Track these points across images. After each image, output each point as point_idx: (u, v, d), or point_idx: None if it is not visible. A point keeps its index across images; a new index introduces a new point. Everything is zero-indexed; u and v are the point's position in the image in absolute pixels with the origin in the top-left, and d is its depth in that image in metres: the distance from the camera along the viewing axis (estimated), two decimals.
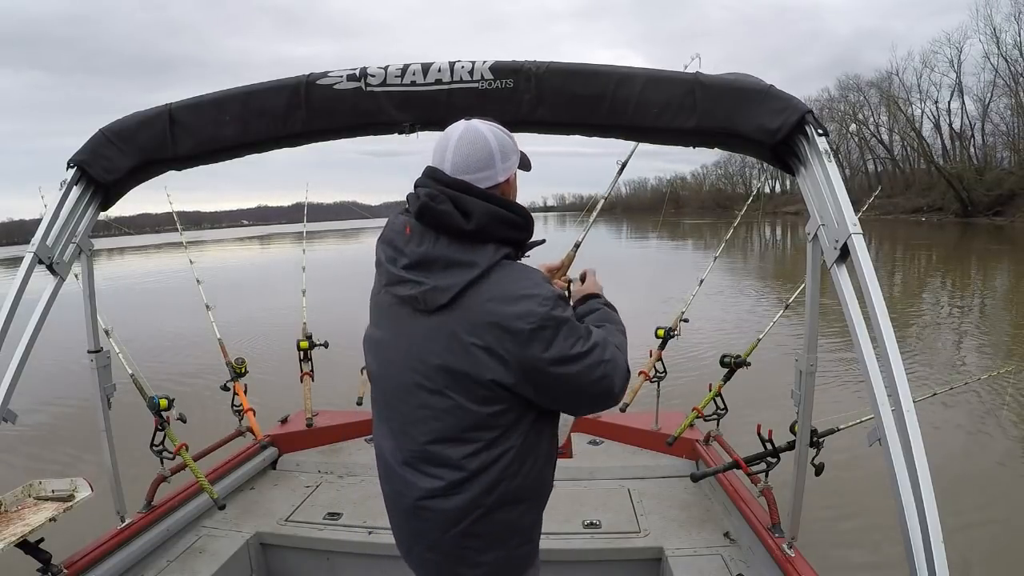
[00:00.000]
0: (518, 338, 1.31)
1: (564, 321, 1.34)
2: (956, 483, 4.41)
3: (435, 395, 1.40)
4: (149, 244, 50.60)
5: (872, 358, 1.51)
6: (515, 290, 1.34)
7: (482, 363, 1.34)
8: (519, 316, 1.31)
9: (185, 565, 2.53)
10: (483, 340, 1.33)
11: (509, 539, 1.50)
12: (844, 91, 63.23)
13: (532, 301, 1.32)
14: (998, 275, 18.48)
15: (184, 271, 4.03)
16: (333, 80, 2.08)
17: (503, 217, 1.39)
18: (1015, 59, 45.37)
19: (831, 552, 3.75)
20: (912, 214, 49.00)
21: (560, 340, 1.33)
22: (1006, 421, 5.91)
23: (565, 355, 1.34)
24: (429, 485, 1.45)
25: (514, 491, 1.45)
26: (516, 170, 1.49)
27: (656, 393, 3.59)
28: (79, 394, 2.43)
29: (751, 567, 2.43)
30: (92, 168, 2.14)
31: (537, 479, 1.51)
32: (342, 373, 4.49)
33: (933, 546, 1.27)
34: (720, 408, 3.27)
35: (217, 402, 3.70)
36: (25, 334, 1.99)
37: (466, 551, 1.48)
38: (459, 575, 1.51)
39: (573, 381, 1.37)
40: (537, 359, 1.32)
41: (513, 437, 1.42)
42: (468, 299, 1.34)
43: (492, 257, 1.36)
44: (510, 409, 1.39)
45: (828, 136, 1.80)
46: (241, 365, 3.55)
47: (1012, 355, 8.64)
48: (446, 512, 1.44)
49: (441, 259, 1.36)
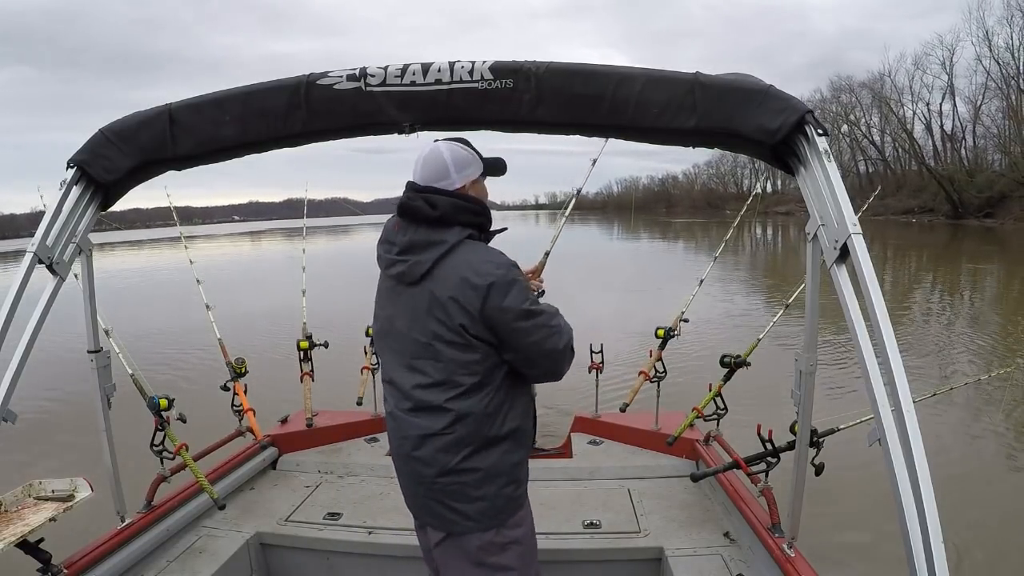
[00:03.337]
0: (479, 291, 1.67)
1: (516, 282, 1.71)
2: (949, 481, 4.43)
3: (425, 347, 1.74)
4: (143, 239, 50.28)
5: (872, 358, 1.51)
6: (477, 258, 1.73)
7: (453, 312, 1.69)
8: (480, 274, 1.68)
9: (185, 565, 2.52)
10: (453, 294, 1.69)
11: (497, 477, 1.78)
12: (836, 92, 63.55)
13: (490, 264, 1.71)
14: (987, 276, 18.59)
15: (176, 269, 4.02)
16: (333, 80, 2.07)
17: (461, 205, 1.78)
18: (1007, 62, 45.63)
19: (831, 552, 3.75)
20: (903, 215, 49.15)
21: (514, 295, 1.68)
22: (1000, 421, 5.94)
23: (518, 308, 1.69)
24: (423, 427, 1.76)
25: (497, 432, 1.77)
26: (478, 176, 1.88)
27: (656, 393, 3.60)
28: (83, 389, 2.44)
29: (751, 567, 2.44)
30: (92, 168, 2.13)
31: (519, 425, 1.83)
32: (342, 373, 4.50)
33: (933, 546, 1.27)
34: (720, 408, 3.28)
35: (217, 402, 3.69)
36: (25, 334, 1.98)
37: (462, 486, 1.77)
38: (457, 511, 1.78)
39: (525, 333, 1.72)
40: (495, 308, 1.67)
41: (492, 383, 1.75)
42: (441, 268, 1.72)
43: (458, 236, 1.75)
44: (486, 357, 1.73)
45: (828, 136, 1.81)
46: (241, 365, 3.54)
47: (1009, 356, 8.69)
48: (438, 451, 1.75)
49: (421, 242, 1.75)
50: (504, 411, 1.78)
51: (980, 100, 49.60)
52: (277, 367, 5.64)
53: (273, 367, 6.15)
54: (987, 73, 47.67)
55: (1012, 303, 14.17)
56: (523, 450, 1.88)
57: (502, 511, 1.81)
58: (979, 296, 15.32)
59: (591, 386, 3.79)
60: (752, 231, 43.12)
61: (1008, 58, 45.41)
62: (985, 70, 47.75)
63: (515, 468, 1.83)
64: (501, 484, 1.79)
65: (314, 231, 48.54)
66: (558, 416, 4.05)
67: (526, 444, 1.89)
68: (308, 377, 3.84)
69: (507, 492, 1.81)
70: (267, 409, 3.99)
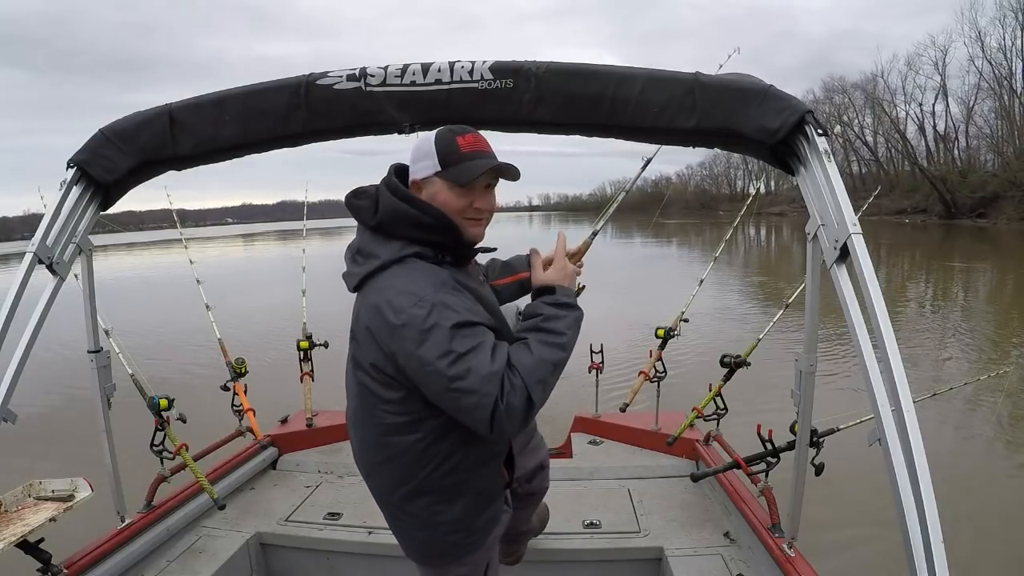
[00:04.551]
0: (389, 329, 1.39)
1: (436, 328, 1.34)
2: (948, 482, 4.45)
3: (351, 371, 1.59)
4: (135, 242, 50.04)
5: (872, 358, 1.51)
6: (400, 285, 1.42)
7: (368, 345, 1.47)
8: (394, 309, 1.38)
9: (185, 565, 2.52)
10: (370, 324, 1.44)
11: (437, 526, 1.59)
12: (829, 93, 63.82)
13: (409, 299, 1.38)
14: (981, 276, 18.68)
15: (174, 269, 4.02)
16: (333, 80, 2.08)
17: (405, 214, 1.50)
18: (999, 62, 45.94)
19: (831, 552, 3.77)
20: (896, 215, 49.31)
21: (427, 344, 1.34)
22: (995, 421, 5.97)
23: (427, 360, 1.35)
24: (362, 457, 1.64)
25: (433, 484, 1.54)
26: (430, 175, 1.54)
27: (656, 393, 3.60)
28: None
29: (751, 567, 2.44)
30: (92, 168, 2.13)
31: (465, 479, 1.57)
32: (342, 373, 4.48)
33: (933, 546, 1.27)
34: (720, 408, 3.28)
35: (216, 401, 3.68)
36: (25, 334, 1.98)
37: (400, 525, 1.65)
38: (401, 541, 1.69)
39: (435, 387, 1.38)
40: (403, 353, 1.39)
41: (421, 430, 1.50)
42: (368, 287, 1.48)
43: (396, 253, 1.48)
44: (412, 397, 1.46)
45: (828, 136, 1.81)
46: (241, 365, 3.53)
47: (1003, 356, 8.73)
48: (377, 485, 1.64)
49: (364, 249, 1.54)
50: (447, 463, 1.53)
51: (973, 101, 50.01)
52: (277, 367, 5.62)
53: (272, 367, 6.14)
54: (980, 74, 48.07)
55: (1006, 301, 14.25)
56: (478, 502, 1.63)
57: (443, 555, 1.66)
58: (973, 295, 15.40)
59: (591, 386, 3.79)
60: (746, 231, 43.19)
61: (1000, 59, 45.80)
62: (978, 70, 48.14)
63: (464, 520, 1.61)
64: (443, 532, 1.61)
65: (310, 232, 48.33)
66: (558, 416, 4.05)
67: (486, 495, 1.65)
68: (308, 377, 3.83)
69: (453, 540, 1.62)
70: (267, 409, 3.98)
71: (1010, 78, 45.43)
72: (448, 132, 1.57)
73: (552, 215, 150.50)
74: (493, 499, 1.67)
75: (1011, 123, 45.61)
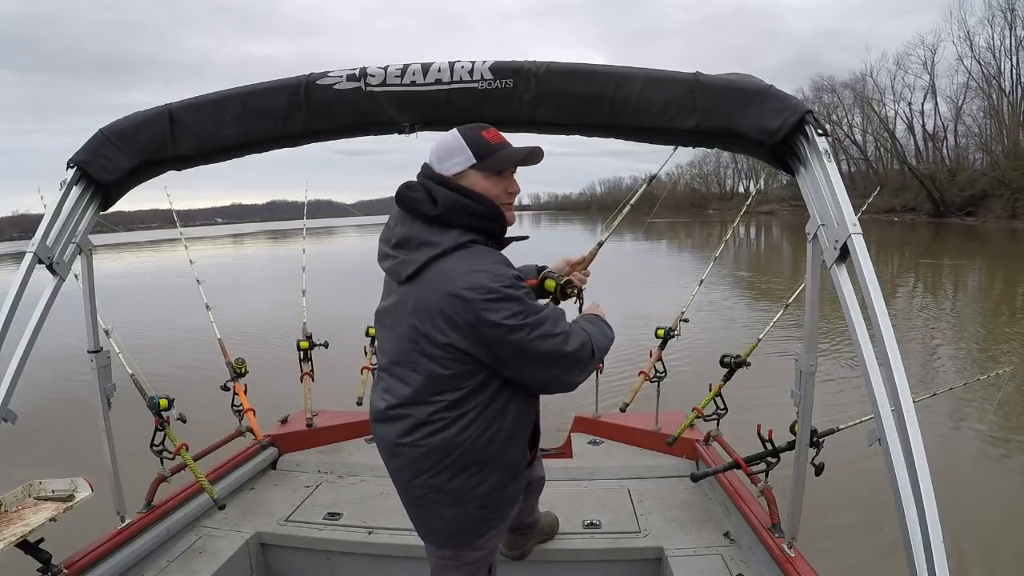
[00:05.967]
0: (471, 305, 1.50)
1: (514, 297, 1.53)
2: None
3: (406, 354, 1.63)
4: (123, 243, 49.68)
5: (872, 358, 1.51)
6: (470, 266, 1.55)
7: (439, 327, 1.55)
8: (471, 287, 1.50)
9: (185, 565, 2.52)
10: (441, 305, 1.53)
11: (469, 501, 1.68)
12: (818, 92, 64.13)
13: (484, 276, 1.53)
14: (969, 274, 18.82)
15: (171, 271, 4.00)
16: (333, 80, 2.09)
17: (464, 205, 1.61)
18: (988, 62, 46.40)
19: (831, 552, 3.76)
20: (885, 214, 49.59)
21: (508, 310, 1.51)
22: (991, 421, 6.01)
23: (513, 324, 1.51)
24: (396, 432, 1.67)
25: (473, 455, 1.64)
26: (467, 169, 1.65)
27: (656, 393, 3.60)
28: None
29: (751, 567, 2.44)
30: (92, 168, 2.13)
31: (500, 449, 1.68)
32: (342, 373, 4.49)
33: (933, 546, 1.27)
34: (720, 408, 3.29)
35: (215, 401, 3.67)
36: (25, 334, 1.98)
37: (431, 503, 1.70)
38: (425, 524, 1.75)
39: (525, 347, 1.55)
40: (488, 324, 1.50)
41: (474, 401, 1.62)
42: (430, 273, 1.57)
43: (456, 240, 1.59)
44: (471, 374, 1.59)
45: (828, 136, 1.82)
46: (241, 365, 3.52)
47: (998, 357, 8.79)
48: (412, 462, 1.67)
49: (415, 239, 1.62)
50: (490, 431, 1.65)
51: (962, 100, 50.51)
52: (276, 367, 5.60)
53: (272, 367, 6.12)
54: (968, 73, 48.54)
55: (994, 299, 14.39)
56: (511, 477, 1.76)
57: (467, 532, 1.73)
58: (962, 292, 15.52)
59: (591, 386, 3.77)
60: (736, 230, 43.28)
61: (989, 58, 46.32)
62: (966, 70, 48.61)
63: (491, 494, 1.71)
64: (473, 507, 1.69)
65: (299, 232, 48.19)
66: (558, 416, 4.06)
67: (514, 469, 1.77)
68: (308, 377, 3.82)
69: (480, 514, 1.71)
70: (267, 409, 3.98)
71: (998, 77, 45.98)
72: (471, 129, 1.69)
73: (542, 214, 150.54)
74: (517, 474, 1.79)
75: (999, 122, 46.09)
